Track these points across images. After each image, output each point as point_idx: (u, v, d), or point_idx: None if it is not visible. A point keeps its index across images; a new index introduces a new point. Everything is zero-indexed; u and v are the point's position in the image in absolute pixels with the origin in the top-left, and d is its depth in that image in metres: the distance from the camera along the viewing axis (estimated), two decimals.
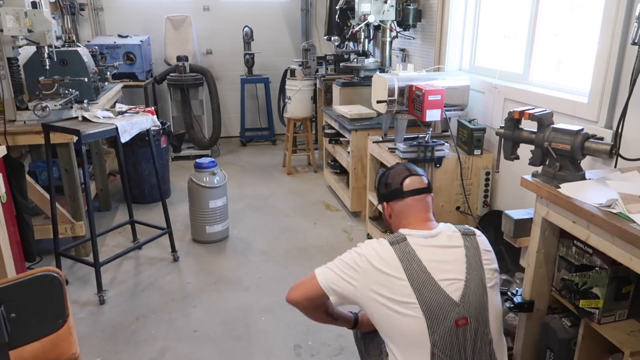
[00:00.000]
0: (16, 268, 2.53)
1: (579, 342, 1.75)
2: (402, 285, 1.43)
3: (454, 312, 1.43)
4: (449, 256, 1.49)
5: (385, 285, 1.44)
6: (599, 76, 2.28)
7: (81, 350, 1.45)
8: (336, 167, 4.60)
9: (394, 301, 1.43)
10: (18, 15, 2.72)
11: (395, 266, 1.45)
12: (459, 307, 1.43)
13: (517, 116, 1.89)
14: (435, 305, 1.42)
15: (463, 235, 1.54)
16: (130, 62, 5.35)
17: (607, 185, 1.65)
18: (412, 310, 1.42)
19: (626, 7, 2.12)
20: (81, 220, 3.30)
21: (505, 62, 3.29)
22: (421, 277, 1.43)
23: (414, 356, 1.44)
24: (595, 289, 1.66)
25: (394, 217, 1.66)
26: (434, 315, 1.42)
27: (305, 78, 5.09)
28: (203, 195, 3.54)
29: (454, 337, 1.43)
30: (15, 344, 1.18)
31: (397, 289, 1.43)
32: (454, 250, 1.51)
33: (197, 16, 6.10)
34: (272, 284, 3.09)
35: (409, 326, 1.42)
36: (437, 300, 1.42)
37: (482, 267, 1.50)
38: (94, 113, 3.06)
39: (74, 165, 3.20)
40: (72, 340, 1.51)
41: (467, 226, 1.60)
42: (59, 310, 1.23)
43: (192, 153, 5.80)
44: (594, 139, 1.73)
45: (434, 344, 1.41)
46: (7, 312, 1.13)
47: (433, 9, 3.88)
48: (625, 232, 1.38)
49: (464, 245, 1.51)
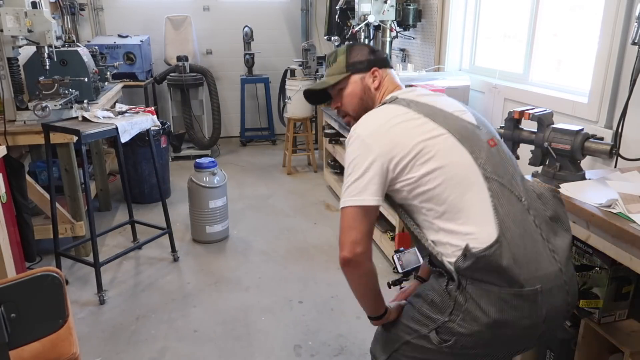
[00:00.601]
0: (16, 268, 2.53)
1: (579, 342, 1.75)
2: (422, 122, 1.34)
3: (480, 132, 1.38)
4: (446, 98, 1.47)
5: (410, 130, 1.33)
6: (599, 76, 2.28)
7: (81, 350, 1.45)
8: (336, 167, 4.60)
9: (425, 140, 1.31)
10: (18, 15, 2.72)
11: (403, 113, 1.37)
12: (480, 129, 1.39)
13: (517, 116, 1.90)
14: (463, 130, 1.35)
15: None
16: (130, 62, 5.35)
17: (607, 185, 1.65)
18: (446, 140, 1.32)
19: (626, 7, 2.12)
20: (81, 220, 3.30)
21: (505, 62, 3.29)
22: (434, 111, 1.37)
23: (471, 195, 1.29)
24: (595, 289, 1.66)
25: (381, 86, 1.52)
26: (467, 139, 1.33)
27: (305, 78, 5.09)
28: (203, 195, 3.54)
29: (495, 156, 1.35)
30: (15, 344, 1.18)
31: (421, 128, 1.33)
32: (446, 97, 1.50)
33: (197, 16, 6.10)
34: (272, 284, 3.09)
35: (452, 159, 1.30)
36: (461, 125, 1.36)
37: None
38: (94, 113, 3.06)
39: (74, 165, 3.20)
40: (72, 340, 1.51)
41: None
42: (59, 310, 1.23)
43: (192, 153, 5.80)
44: (594, 139, 1.74)
45: (484, 167, 1.31)
46: (7, 312, 1.13)
47: (433, 9, 3.88)
48: (625, 232, 1.38)
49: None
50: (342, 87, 1.54)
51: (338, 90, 1.56)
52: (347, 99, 1.54)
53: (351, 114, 1.55)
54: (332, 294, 2.94)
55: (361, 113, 1.46)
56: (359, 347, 2.48)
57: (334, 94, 1.58)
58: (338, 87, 1.55)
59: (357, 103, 1.54)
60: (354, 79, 1.53)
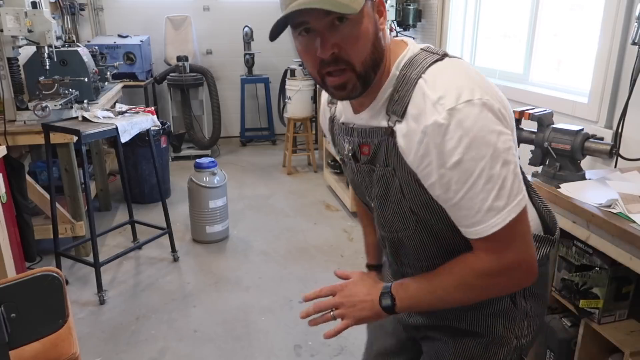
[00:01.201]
0: (16, 268, 2.53)
1: (579, 342, 1.75)
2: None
3: None
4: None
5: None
6: (599, 76, 2.28)
7: (81, 350, 1.45)
8: (336, 167, 4.59)
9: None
10: (18, 15, 2.72)
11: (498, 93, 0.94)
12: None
13: (517, 116, 1.89)
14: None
15: None
16: (130, 62, 5.35)
17: (607, 185, 1.65)
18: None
19: (626, 7, 2.12)
20: (81, 220, 3.30)
21: (505, 62, 3.29)
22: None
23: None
24: (595, 289, 1.66)
25: (385, 34, 0.97)
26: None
27: (306, 78, 5.09)
28: (203, 195, 3.54)
29: None
30: (15, 344, 1.18)
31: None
32: None
33: (197, 16, 6.10)
34: (272, 284, 3.09)
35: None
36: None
37: None
38: (94, 113, 3.06)
39: (74, 165, 3.20)
40: (72, 340, 1.51)
41: None
42: (59, 311, 1.23)
43: (192, 153, 5.80)
44: (593, 139, 1.74)
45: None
46: (7, 312, 1.13)
47: (433, 9, 3.88)
48: (625, 232, 1.38)
49: None
50: (357, 19, 0.89)
51: (339, 23, 0.88)
52: (361, 41, 0.90)
53: (357, 67, 0.91)
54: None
55: (369, 70, 0.92)
56: (359, 347, 2.48)
57: (326, 26, 0.89)
58: (350, 16, 0.88)
59: (370, 50, 0.92)
60: (368, 9, 0.91)
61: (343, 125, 1.09)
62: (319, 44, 0.89)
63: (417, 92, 0.91)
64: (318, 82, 0.97)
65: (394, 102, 0.94)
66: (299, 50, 0.96)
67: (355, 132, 1.05)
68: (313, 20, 0.88)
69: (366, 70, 0.92)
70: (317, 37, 0.90)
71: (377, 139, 0.99)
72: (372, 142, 1.00)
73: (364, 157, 1.05)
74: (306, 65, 0.97)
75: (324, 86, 0.97)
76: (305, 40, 0.92)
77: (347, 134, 1.07)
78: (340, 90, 0.94)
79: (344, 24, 0.88)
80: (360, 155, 1.05)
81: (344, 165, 1.16)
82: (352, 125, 1.06)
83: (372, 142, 1.00)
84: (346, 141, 1.08)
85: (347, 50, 0.90)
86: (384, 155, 0.99)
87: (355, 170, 1.10)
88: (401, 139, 0.93)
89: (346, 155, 1.10)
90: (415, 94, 0.91)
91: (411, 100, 0.91)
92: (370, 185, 1.07)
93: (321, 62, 0.92)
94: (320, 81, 0.96)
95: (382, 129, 0.98)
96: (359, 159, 1.06)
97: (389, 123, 0.96)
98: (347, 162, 1.12)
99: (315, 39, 0.90)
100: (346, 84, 0.93)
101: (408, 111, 0.92)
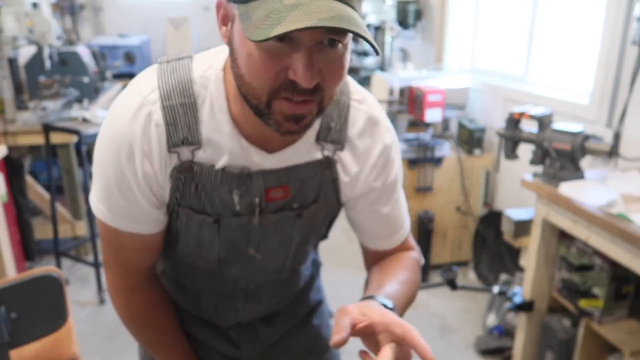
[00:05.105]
0: (16, 268, 2.54)
1: (579, 342, 1.75)
2: None
3: None
4: None
5: None
6: (599, 76, 2.28)
7: (81, 350, 1.45)
8: None
9: None
10: (18, 15, 2.72)
11: None
12: None
13: (517, 116, 1.90)
14: None
15: None
16: (130, 62, 5.35)
17: (607, 185, 1.66)
18: None
19: (626, 7, 2.12)
20: (81, 220, 3.30)
21: (505, 62, 3.29)
22: None
23: None
24: (595, 289, 1.67)
25: None
26: None
27: None
28: None
29: None
30: (15, 344, 1.18)
31: None
32: None
33: (197, 16, 6.10)
34: None
35: None
36: None
37: None
38: (94, 113, 3.05)
39: (74, 165, 3.20)
40: (72, 340, 1.51)
41: None
42: (59, 311, 1.23)
43: None
44: (593, 139, 1.74)
45: None
46: (8, 312, 1.14)
47: (433, 9, 3.88)
48: (625, 232, 1.38)
49: None
50: (346, 46, 0.72)
51: (327, 45, 0.69)
52: (343, 72, 0.73)
53: (325, 101, 0.74)
54: (332, 294, 2.93)
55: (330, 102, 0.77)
56: (359, 348, 2.47)
57: (314, 44, 0.68)
58: (345, 42, 0.71)
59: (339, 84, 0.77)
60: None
61: (225, 173, 0.82)
62: (301, 66, 0.66)
63: (352, 114, 0.87)
64: (258, 104, 0.72)
65: (334, 131, 0.85)
66: (250, 55, 0.68)
67: (259, 178, 0.84)
68: (306, 33, 0.65)
69: (327, 105, 0.75)
70: (300, 54, 0.67)
71: (304, 175, 0.86)
72: (295, 180, 0.86)
73: (274, 203, 0.87)
74: (253, 77, 0.70)
75: (265, 110, 0.72)
76: (276, 48, 0.67)
77: (240, 183, 0.83)
78: (294, 122, 0.72)
79: (334, 49, 0.69)
80: (266, 203, 0.86)
81: (205, 226, 0.87)
82: (251, 171, 0.83)
83: (295, 180, 0.86)
84: (235, 193, 0.84)
85: (326, 80, 0.71)
86: (316, 190, 0.88)
87: (248, 224, 0.88)
88: (347, 165, 0.88)
89: (232, 210, 0.86)
90: (352, 115, 0.87)
91: (349, 123, 0.87)
92: (265, 235, 0.90)
93: (288, 84, 0.69)
94: (264, 103, 0.71)
95: (315, 163, 0.86)
96: (264, 209, 0.87)
97: (323, 153, 0.86)
98: (227, 220, 0.87)
99: (292, 54, 0.67)
100: (306, 116, 0.72)
101: (349, 134, 0.87)
